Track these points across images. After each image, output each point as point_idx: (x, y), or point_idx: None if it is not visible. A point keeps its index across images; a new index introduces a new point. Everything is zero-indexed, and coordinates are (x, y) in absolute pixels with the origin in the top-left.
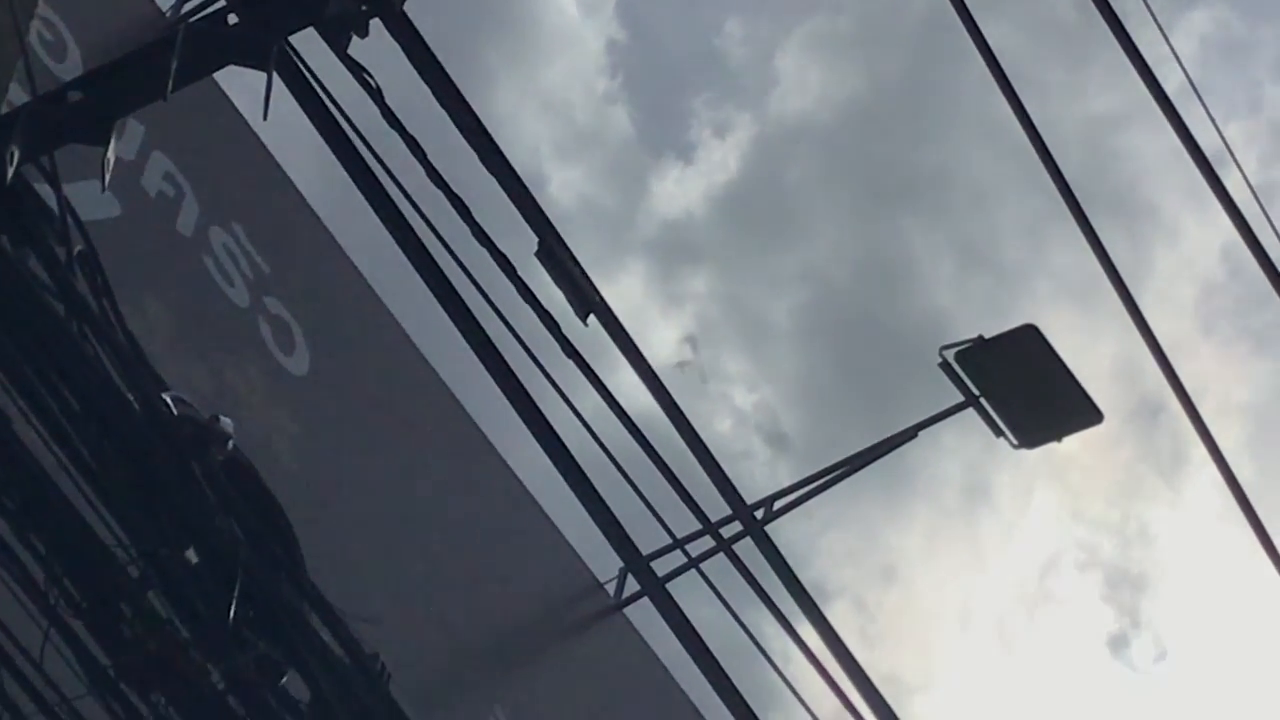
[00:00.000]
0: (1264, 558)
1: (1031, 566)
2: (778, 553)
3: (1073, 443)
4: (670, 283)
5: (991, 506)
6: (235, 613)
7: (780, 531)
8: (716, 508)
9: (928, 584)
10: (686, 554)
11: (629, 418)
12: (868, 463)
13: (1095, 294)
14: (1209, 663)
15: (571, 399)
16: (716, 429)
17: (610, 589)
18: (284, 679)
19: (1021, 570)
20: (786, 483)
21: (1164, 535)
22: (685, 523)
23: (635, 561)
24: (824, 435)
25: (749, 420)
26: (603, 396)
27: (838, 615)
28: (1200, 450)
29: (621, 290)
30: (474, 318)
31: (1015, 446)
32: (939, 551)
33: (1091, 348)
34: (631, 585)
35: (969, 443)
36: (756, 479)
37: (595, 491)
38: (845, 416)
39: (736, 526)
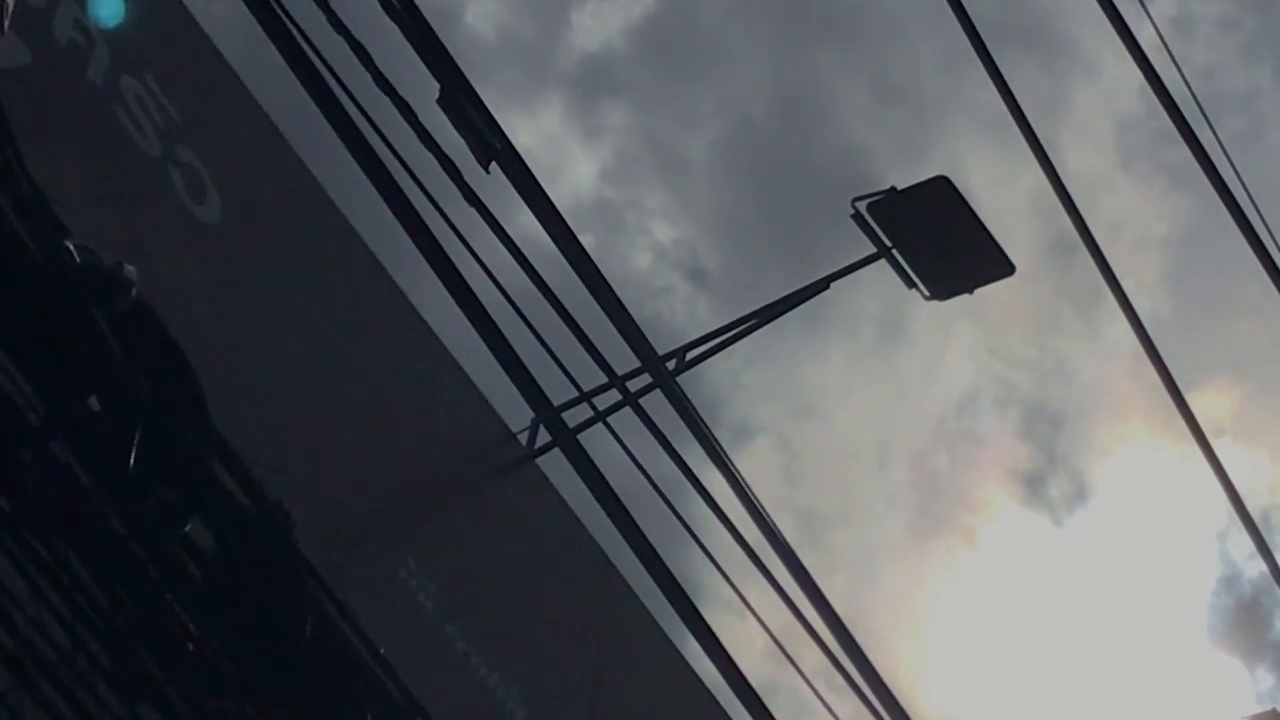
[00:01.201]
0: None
1: (949, 403)
2: (688, 406)
3: None
4: (589, 116)
5: (909, 343)
6: (137, 460)
7: (702, 369)
8: (632, 357)
9: (848, 420)
10: (593, 407)
11: (531, 266)
12: (779, 314)
13: (1014, 127)
14: (1126, 503)
15: (486, 246)
16: (636, 265)
17: (523, 440)
18: (187, 527)
19: (940, 407)
20: (706, 319)
21: (1082, 372)
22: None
23: (546, 412)
24: (743, 270)
25: (669, 256)
26: (504, 243)
27: (760, 453)
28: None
29: (540, 124)
30: (382, 164)
31: (927, 298)
32: (859, 388)
33: (1010, 181)
34: (545, 436)
35: (886, 281)
36: (677, 315)
37: (505, 340)
38: (765, 251)
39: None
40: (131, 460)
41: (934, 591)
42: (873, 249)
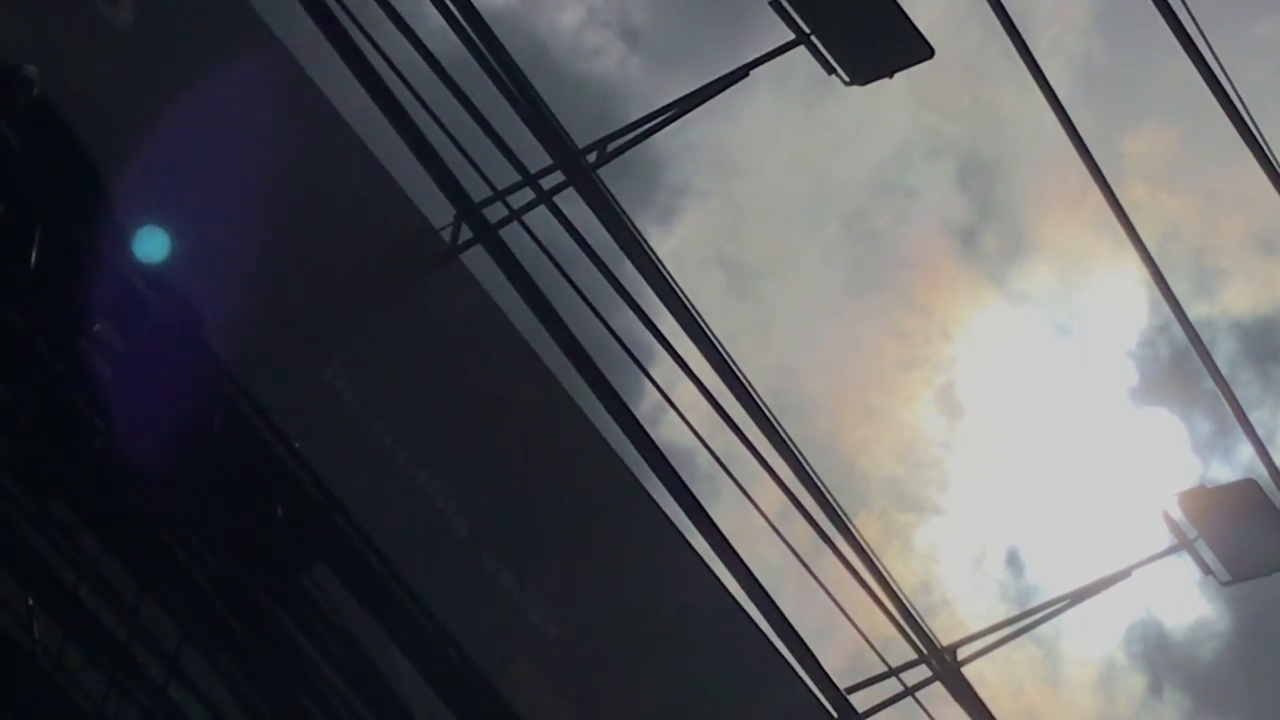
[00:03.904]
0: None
1: (882, 156)
2: (607, 200)
3: (921, 27)
4: None
5: (839, 94)
6: (39, 259)
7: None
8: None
9: (780, 175)
10: (508, 205)
11: (434, 58)
12: (699, 103)
13: None
14: (1062, 255)
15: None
16: (564, 24)
17: (446, 236)
18: (96, 326)
19: (873, 159)
20: (638, 79)
21: (1014, 121)
22: (531, 163)
23: (467, 208)
24: (676, 26)
25: (599, 14)
26: (399, 26)
27: (701, 217)
28: (1050, 31)
29: None
30: None
31: (847, 83)
32: (792, 143)
33: None
34: (468, 234)
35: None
36: (609, 76)
37: (421, 135)
38: (698, 4)
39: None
40: (33, 258)
41: (870, 350)
42: (790, 37)
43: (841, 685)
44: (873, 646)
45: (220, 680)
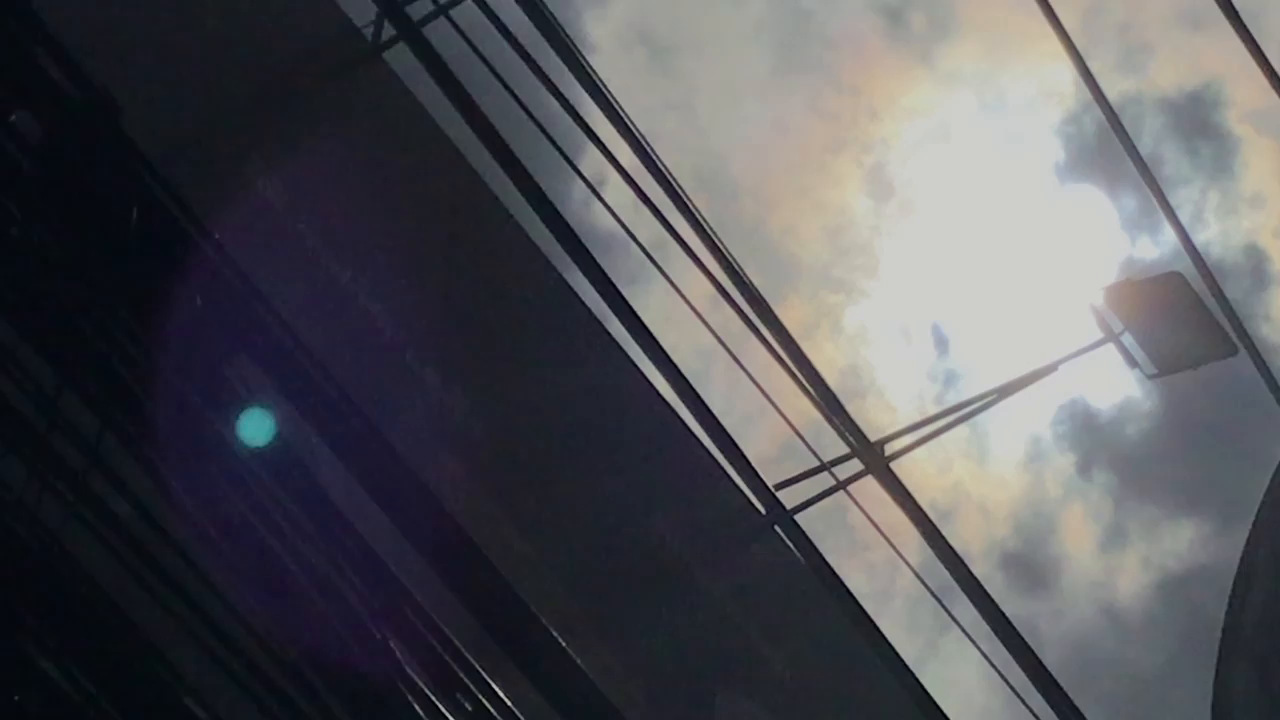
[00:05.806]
0: None
1: None
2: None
3: None
4: None
5: None
6: None
7: None
8: None
9: None
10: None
11: None
12: None
13: None
14: (989, 35)
15: None
16: None
17: (369, 35)
18: (12, 117)
19: None
20: None
21: None
22: None
23: (390, 5)
24: None
25: None
26: None
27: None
28: None
29: None
30: None
31: None
32: None
33: None
34: (391, 32)
35: None
36: None
37: None
38: None
39: None
40: None
41: (797, 131)
42: None
43: (772, 474)
44: (803, 439)
45: (142, 470)
